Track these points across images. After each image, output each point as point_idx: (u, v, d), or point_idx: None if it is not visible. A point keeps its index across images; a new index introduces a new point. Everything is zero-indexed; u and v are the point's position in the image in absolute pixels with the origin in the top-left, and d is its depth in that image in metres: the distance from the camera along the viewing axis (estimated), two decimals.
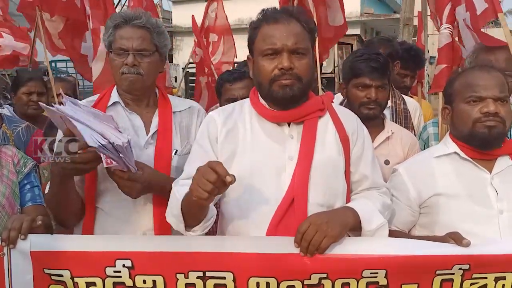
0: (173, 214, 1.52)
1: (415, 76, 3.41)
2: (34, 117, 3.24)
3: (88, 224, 1.75)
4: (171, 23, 23.30)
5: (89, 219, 1.75)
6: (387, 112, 2.77)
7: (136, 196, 1.68)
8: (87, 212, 1.76)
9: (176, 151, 1.83)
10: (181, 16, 19.84)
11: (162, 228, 1.71)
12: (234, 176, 1.29)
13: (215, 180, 1.29)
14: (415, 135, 2.74)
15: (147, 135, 1.82)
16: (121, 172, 1.59)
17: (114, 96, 1.86)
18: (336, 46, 15.24)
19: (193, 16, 5.10)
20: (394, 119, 2.77)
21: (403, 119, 2.80)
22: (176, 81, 17.77)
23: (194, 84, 6.53)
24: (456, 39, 2.78)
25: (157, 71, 1.89)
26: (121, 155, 1.53)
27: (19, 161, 1.86)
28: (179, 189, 1.53)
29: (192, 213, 1.48)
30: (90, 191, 1.76)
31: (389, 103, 2.80)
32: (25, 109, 3.28)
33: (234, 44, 5.16)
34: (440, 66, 2.65)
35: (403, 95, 2.91)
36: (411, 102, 2.95)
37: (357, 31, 17.48)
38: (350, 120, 1.71)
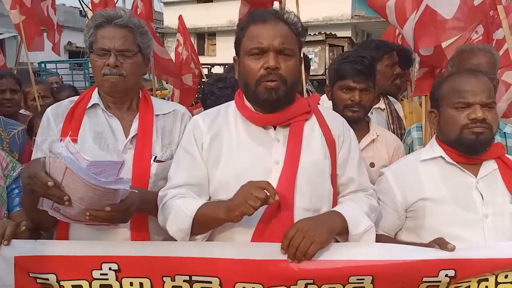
0: (181, 228, 1.52)
1: (405, 75, 3.42)
2: (12, 116, 3.13)
3: (62, 231, 1.70)
4: (163, 24, 23.26)
5: (63, 226, 1.70)
6: (383, 114, 2.79)
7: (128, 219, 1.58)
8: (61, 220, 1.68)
9: (155, 157, 1.77)
10: (172, 17, 19.80)
11: (139, 237, 1.69)
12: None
13: (265, 197, 1.37)
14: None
15: (126, 139, 1.77)
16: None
17: (95, 98, 1.81)
18: (327, 48, 15.36)
19: (180, 16, 5.10)
20: (391, 121, 2.77)
21: (397, 120, 2.81)
22: (167, 82, 17.74)
23: None
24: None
25: (140, 72, 1.86)
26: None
27: (7, 165, 1.83)
28: (184, 204, 1.53)
29: (206, 227, 1.52)
30: None
31: (383, 105, 2.81)
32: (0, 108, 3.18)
33: None
34: (422, 70, 2.66)
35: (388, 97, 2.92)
36: (396, 103, 2.97)
37: (348, 33, 17.57)
38: (337, 122, 1.71)
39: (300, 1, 3.54)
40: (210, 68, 14.24)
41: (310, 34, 15.88)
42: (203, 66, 10.35)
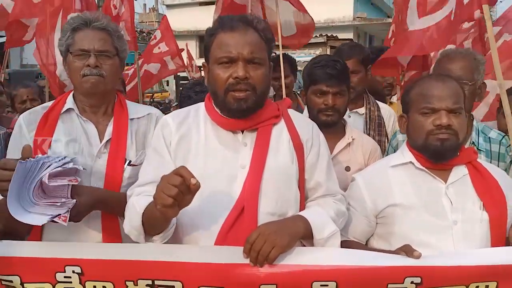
0: (133, 226, 1.49)
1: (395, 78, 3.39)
2: None
3: (35, 233, 1.71)
4: None
5: (37, 228, 1.71)
6: (361, 119, 2.77)
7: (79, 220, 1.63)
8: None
9: (130, 161, 1.78)
10: (175, 20, 19.88)
11: (111, 240, 1.69)
12: (198, 181, 1.26)
13: (180, 183, 1.25)
14: (387, 142, 2.72)
15: (100, 144, 1.78)
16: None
17: (69, 103, 1.81)
18: (328, 50, 15.32)
19: (165, 17, 5.13)
20: (368, 127, 2.75)
21: (377, 126, 2.79)
22: (168, 85, 17.80)
23: None
24: None
25: (118, 75, 1.87)
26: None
27: None
28: (138, 200, 1.51)
29: (155, 225, 1.45)
30: None
31: (363, 110, 2.79)
32: None
33: None
34: (409, 73, 2.66)
35: (377, 101, 2.89)
36: (385, 108, 2.93)
37: (349, 35, 17.55)
38: (306, 127, 1.70)
39: (302, 2, 3.58)
40: None
41: None
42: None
